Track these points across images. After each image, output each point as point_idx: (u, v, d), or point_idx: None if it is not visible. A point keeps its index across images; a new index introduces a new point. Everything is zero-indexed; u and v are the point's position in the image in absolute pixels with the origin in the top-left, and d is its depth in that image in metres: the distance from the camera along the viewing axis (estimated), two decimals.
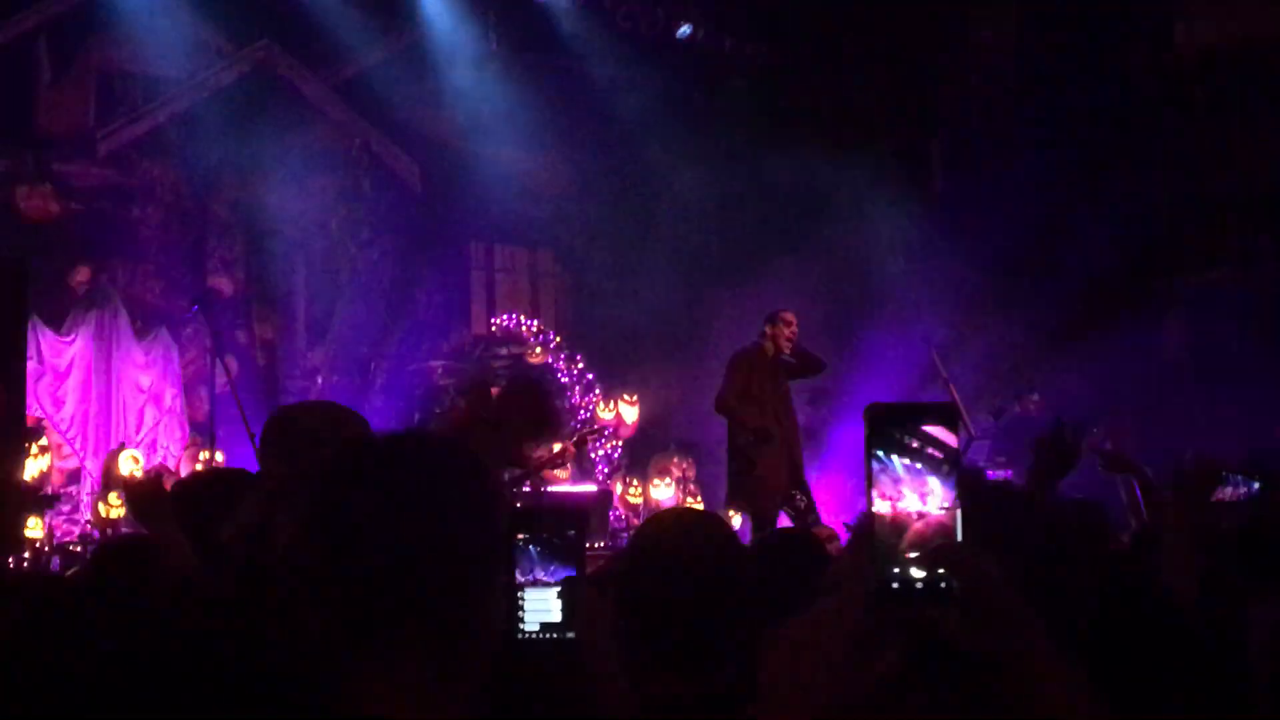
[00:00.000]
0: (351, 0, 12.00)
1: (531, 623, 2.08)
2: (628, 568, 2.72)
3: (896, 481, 1.48)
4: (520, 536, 2.12)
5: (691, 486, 12.96)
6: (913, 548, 1.47)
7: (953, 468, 1.49)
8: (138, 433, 11.27)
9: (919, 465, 1.49)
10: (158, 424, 11.44)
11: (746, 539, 8.44)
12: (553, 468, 10.45)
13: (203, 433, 11.17)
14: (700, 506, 12.59)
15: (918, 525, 1.47)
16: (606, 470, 12.63)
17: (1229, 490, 4.83)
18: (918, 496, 1.48)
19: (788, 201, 13.24)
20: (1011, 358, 13.39)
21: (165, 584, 3.28)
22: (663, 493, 12.74)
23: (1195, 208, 13.75)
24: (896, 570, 1.47)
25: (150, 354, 11.47)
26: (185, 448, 11.36)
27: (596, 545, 10.22)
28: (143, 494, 3.87)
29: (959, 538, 1.47)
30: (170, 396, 11.54)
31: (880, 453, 1.50)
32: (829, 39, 13.42)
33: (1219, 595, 3.08)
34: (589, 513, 10.28)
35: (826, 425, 12.21)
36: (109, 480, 10.46)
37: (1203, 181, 13.66)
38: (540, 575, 2.11)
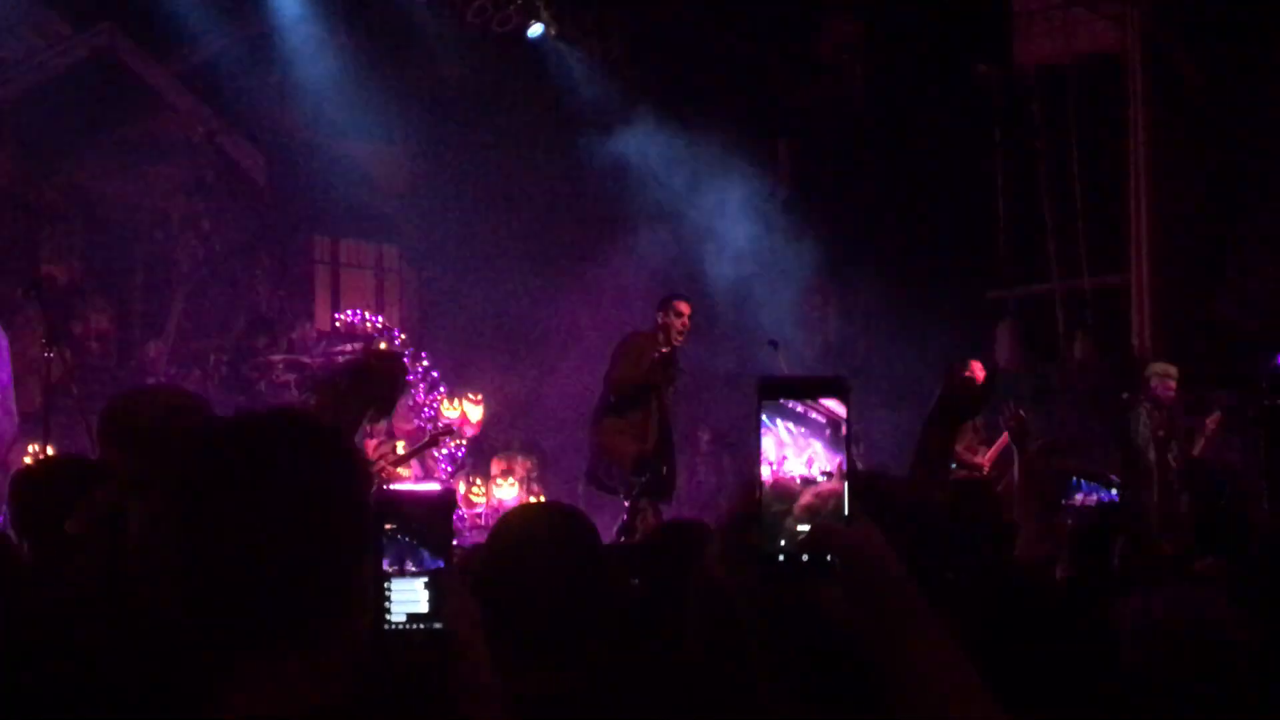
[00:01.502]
0: None
1: (399, 613, 2.04)
2: (486, 563, 2.70)
3: (780, 445, 1.46)
4: (387, 526, 2.07)
5: (535, 486, 12.97)
6: (802, 519, 1.45)
7: (839, 435, 1.47)
8: None
9: (804, 429, 1.47)
10: None
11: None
12: (403, 463, 10.39)
13: (33, 426, 10.89)
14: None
15: (807, 496, 1.45)
16: (450, 469, 12.56)
17: (1079, 496, 5.01)
18: (802, 462, 1.46)
19: (635, 201, 13.31)
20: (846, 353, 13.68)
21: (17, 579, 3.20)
22: (506, 492, 12.71)
23: (1027, 219, 14.11)
24: (782, 543, 1.45)
25: None
26: (12, 442, 11.00)
27: (450, 540, 10.13)
28: None
29: (845, 510, 1.44)
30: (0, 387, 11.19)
31: (765, 419, 1.47)
32: (683, 42, 13.48)
33: (1082, 584, 3.18)
34: (456, 503, 10.22)
35: None
36: None
37: (1035, 194, 14.03)
38: (408, 565, 2.07)
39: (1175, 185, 12.91)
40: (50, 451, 9.97)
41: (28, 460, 10.51)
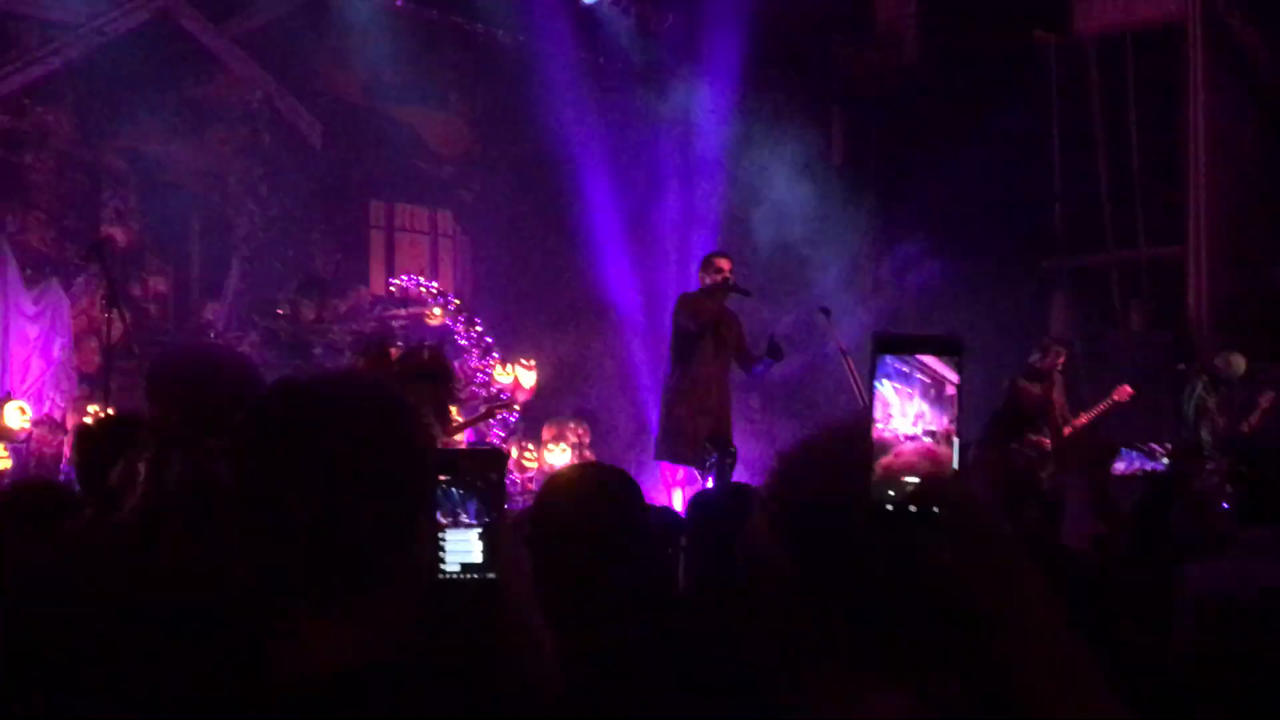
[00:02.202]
0: None
1: (453, 563, 2.08)
2: (533, 520, 2.73)
3: (885, 405, 1.48)
4: (443, 479, 2.11)
5: (587, 453, 13.00)
6: (900, 471, 1.48)
7: (945, 395, 1.49)
8: (23, 383, 11.03)
9: (909, 389, 1.49)
10: (44, 375, 11.21)
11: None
12: (458, 432, 10.45)
13: (92, 384, 11.03)
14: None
15: (905, 450, 1.47)
16: (503, 434, 12.61)
17: (1122, 465, 5.00)
18: (907, 420, 1.48)
19: (686, 166, 13.31)
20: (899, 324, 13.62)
21: (76, 527, 3.27)
22: (557, 458, 12.75)
23: (1084, 189, 14.02)
24: (891, 493, 1.47)
25: (40, 304, 11.24)
26: (73, 400, 11.16)
27: (505, 511, 10.20)
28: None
29: (954, 465, 1.46)
30: (58, 347, 11.31)
31: (879, 380, 1.50)
32: (737, 7, 13.43)
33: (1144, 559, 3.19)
34: (507, 456, 10.30)
35: None
36: None
37: (1091, 164, 13.93)
38: (462, 517, 2.10)
39: (1234, 156, 12.78)
40: (110, 411, 10.10)
41: (86, 420, 10.67)
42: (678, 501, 9.65)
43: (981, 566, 1.45)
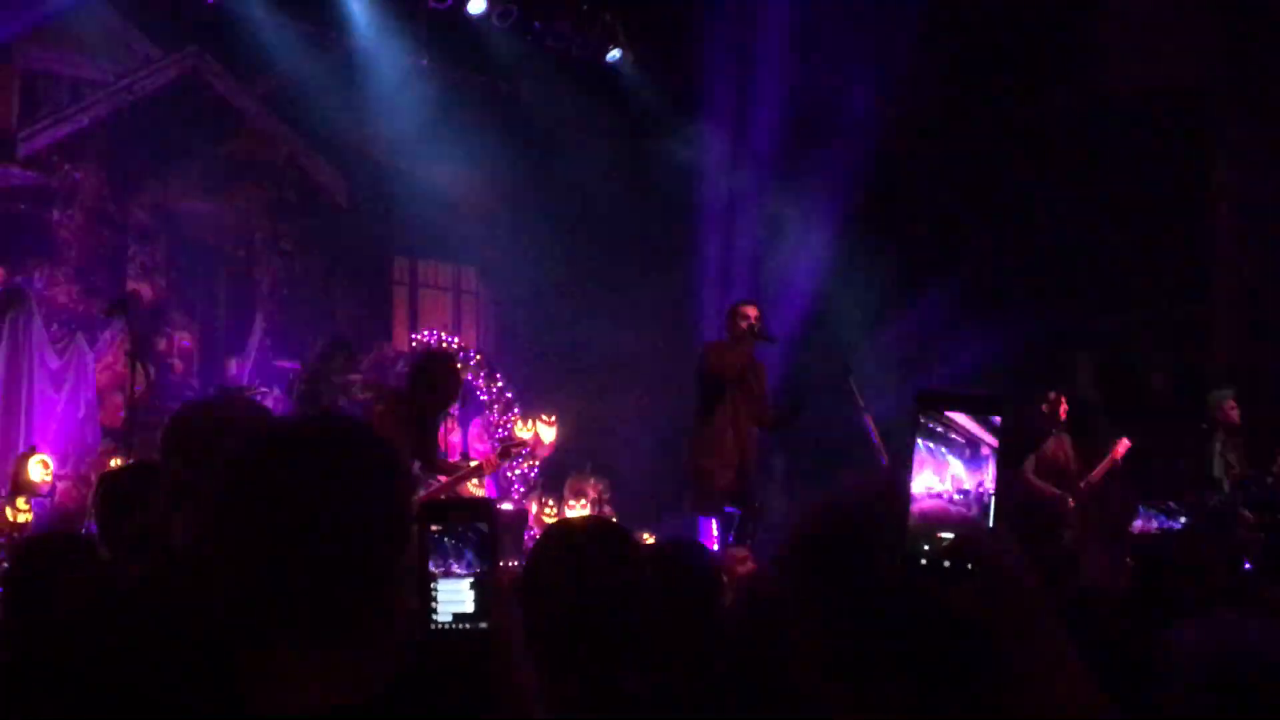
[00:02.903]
0: (282, 10, 11.97)
1: (444, 613, 2.09)
2: (529, 570, 2.74)
3: (920, 463, 1.51)
4: (434, 528, 2.12)
5: (607, 508, 12.97)
6: (933, 527, 1.49)
7: (979, 455, 1.50)
8: (47, 438, 11.09)
9: (942, 448, 1.51)
10: (69, 430, 11.28)
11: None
12: (475, 477, 10.44)
13: (116, 439, 11.06)
14: (639, 535, 12.64)
15: (931, 506, 1.49)
16: (523, 489, 12.62)
17: (1139, 523, 4.99)
18: (937, 478, 1.50)
19: (706, 221, 13.36)
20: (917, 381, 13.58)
21: (92, 576, 3.30)
22: (577, 513, 12.73)
23: (1104, 248, 14.00)
24: (926, 547, 1.49)
25: (65, 358, 11.33)
26: (97, 454, 11.21)
27: (512, 563, 10.19)
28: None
29: (990, 522, 1.49)
30: (83, 403, 11.39)
31: (917, 438, 1.53)
32: (751, 64, 13.52)
33: (1137, 613, 3.18)
34: (497, 507, 10.26)
35: None
36: (17, 484, 10.29)
37: (1113, 221, 13.92)
38: (454, 567, 2.12)
39: (1259, 213, 12.77)
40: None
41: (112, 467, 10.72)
42: None
43: (1010, 622, 1.46)
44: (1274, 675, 2.92)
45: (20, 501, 10.14)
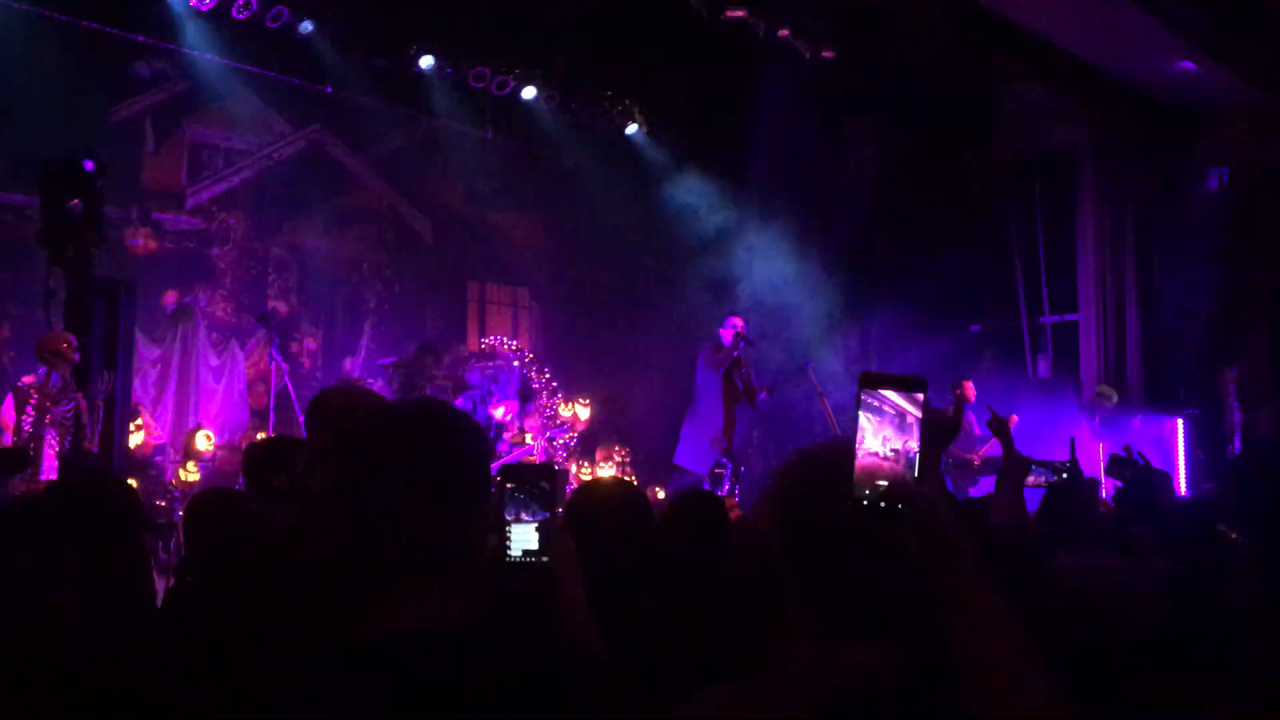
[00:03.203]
0: (383, 96, 12.00)
1: (517, 549, 2.09)
2: (568, 515, 2.73)
3: (862, 430, 1.51)
4: (509, 485, 2.13)
5: (629, 469, 12.99)
6: (872, 477, 1.49)
7: (905, 423, 1.51)
8: (210, 417, 11.15)
9: (878, 419, 1.51)
10: (225, 410, 11.33)
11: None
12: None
13: (261, 418, 11.11)
14: (654, 490, 12.67)
15: (871, 462, 1.49)
16: (565, 455, 12.63)
17: (1031, 478, 4.97)
18: (876, 441, 1.50)
19: (705, 255, 13.35)
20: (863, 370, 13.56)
21: (246, 521, 3.31)
22: (605, 471, 12.75)
23: (1003, 270, 13.98)
24: (867, 492, 1.49)
25: (221, 357, 11.39)
26: (246, 429, 11.26)
27: (557, 510, 10.20)
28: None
29: (916, 474, 1.48)
30: (236, 390, 11.44)
31: (859, 410, 1.53)
32: (739, 136, 13.50)
33: (1033, 543, 3.17)
34: (564, 474, 10.33)
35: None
36: (187, 452, 10.34)
37: (1009, 251, 13.90)
38: (524, 515, 2.12)
39: (1114, 245, 12.74)
40: (270, 435, 10.20)
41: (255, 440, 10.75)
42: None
43: (935, 549, 1.46)
44: (1119, 590, 2.92)
45: (190, 465, 10.19)
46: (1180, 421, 11.30)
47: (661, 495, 12.63)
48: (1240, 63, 11.17)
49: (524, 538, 2.10)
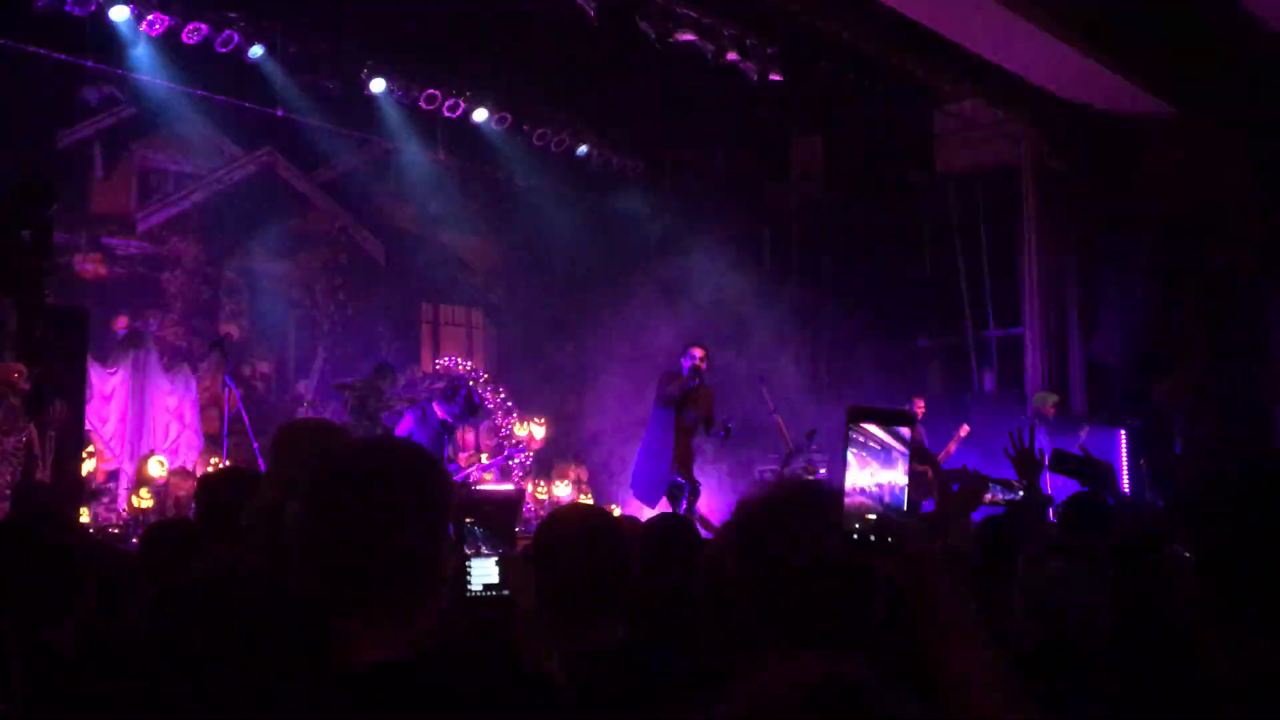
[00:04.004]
0: (335, 119, 11.97)
1: (476, 584, 2.12)
2: (536, 546, 2.75)
3: (851, 465, 1.53)
4: (469, 520, 2.16)
5: (585, 486, 13.01)
6: (854, 513, 1.52)
7: (889, 457, 1.53)
8: (163, 442, 11.04)
9: (864, 454, 1.54)
10: (179, 436, 11.22)
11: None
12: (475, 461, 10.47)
13: (214, 443, 11.01)
14: (591, 501, 12.65)
15: (855, 499, 1.52)
16: (521, 474, 12.62)
17: (988, 496, 5.03)
18: (863, 475, 1.53)
19: (655, 273, 13.40)
20: (814, 386, 13.73)
21: (204, 556, 3.26)
22: (562, 490, 12.75)
23: (948, 287, 14.15)
24: (857, 525, 1.51)
25: (174, 382, 11.27)
26: (199, 454, 11.15)
27: (515, 530, 10.19)
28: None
29: (906, 508, 1.50)
30: (189, 415, 11.33)
31: (845, 445, 1.54)
32: (688, 156, 13.61)
33: (990, 558, 3.21)
34: (519, 503, 10.27)
35: None
36: (140, 478, 10.24)
37: (953, 268, 14.07)
38: (483, 549, 2.15)
39: (1055, 263, 12.93)
40: (227, 463, 10.10)
41: (211, 469, 10.65)
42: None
43: (919, 581, 1.49)
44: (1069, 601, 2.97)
45: (143, 491, 10.09)
46: (1122, 433, 11.49)
47: (618, 512, 12.67)
48: (1169, 87, 11.44)
49: (484, 571, 2.14)
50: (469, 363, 13.22)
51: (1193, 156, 11.62)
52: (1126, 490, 10.97)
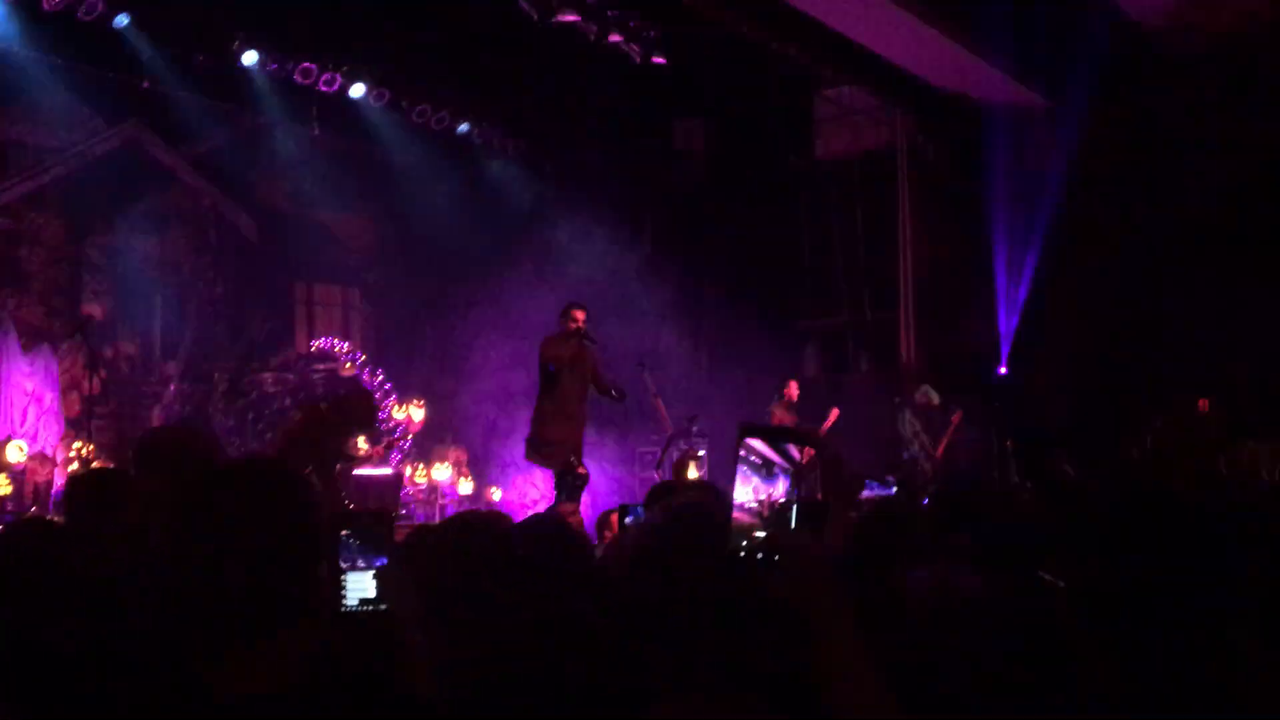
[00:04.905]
0: (203, 92, 11.56)
1: (352, 599, 2.06)
2: (434, 556, 2.66)
3: (731, 481, 1.52)
4: (343, 532, 2.09)
5: (465, 469, 12.89)
6: (740, 530, 1.50)
7: (772, 473, 1.51)
8: (22, 426, 10.60)
9: (749, 471, 1.51)
10: (39, 420, 10.79)
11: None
12: (368, 462, 10.29)
13: (75, 427, 10.63)
14: (471, 485, 12.54)
15: (740, 516, 1.50)
16: (399, 458, 12.44)
17: (867, 492, 5.05)
18: (749, 491, 1.50)
19: (535, 253, 13.33)
20: (694, 369, 13.84)
21: (67, 561, 3.09)
22: (441, 474, 12.61)
23: (826, 270, 14.38)
24: (745, 543, 1.49)
25: (33, 364, 10.82)
26: (60, 439, 10.73)
27: (392, 515, 10.03)
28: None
29: (792, 525, 1.49)
30: (49, 399, 10.89)
31: (738, 462, 1.52)
32: (571, 137, 13.54)
33: (868, 558, 3.21)
34: (393, 514, 10.04)
35: None
36: None
37: (830, 251, 14.29)
38: (359, 562, 2.09)
39: (930, 245, 13.22)
40: (90, 448, 9.75)
41: (70, 454, 10.26)
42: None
43: (804, 595, 1.47)
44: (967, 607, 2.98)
45: (1, 478, 9.68)
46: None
47: (499, 495, 12.59)
48: (1032, 76, 11.76)
49: (360, 586, 2.07)
50: (345, 344, 12.96)
51: (1068, 146, 11.93)
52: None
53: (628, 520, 4.58)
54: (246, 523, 1.69)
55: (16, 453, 9.91)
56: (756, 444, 1.54)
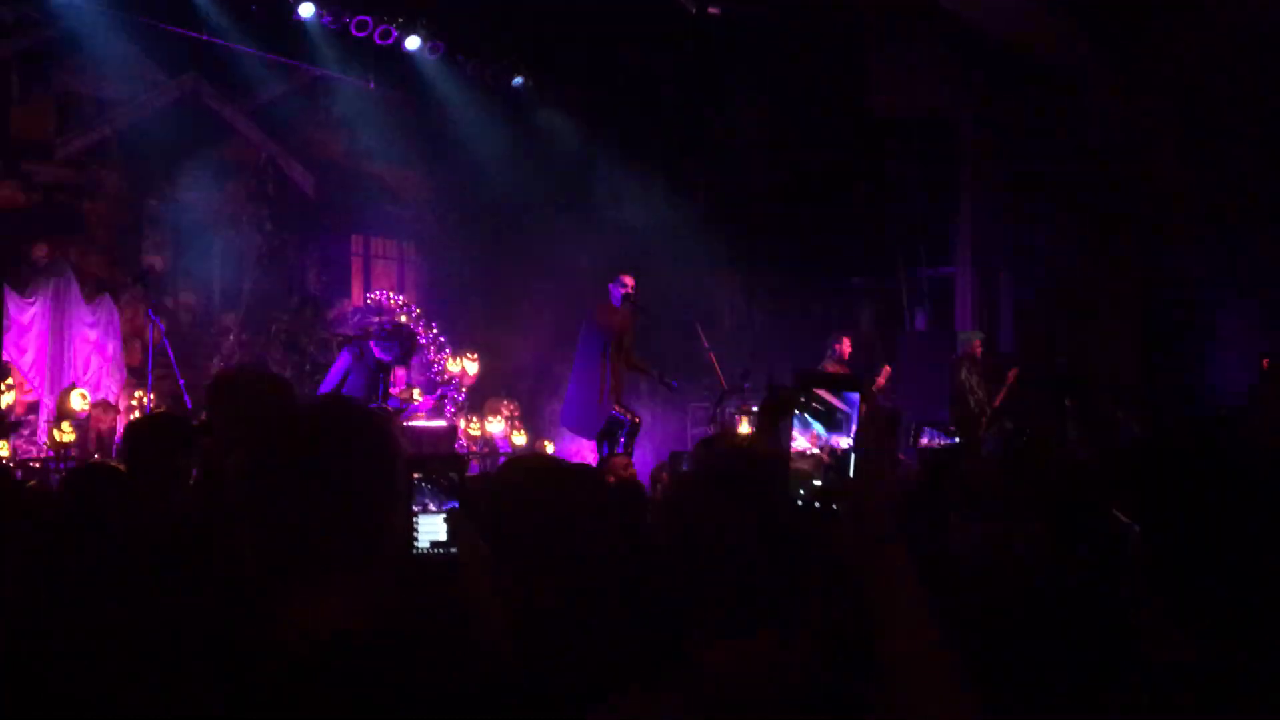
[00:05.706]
0: (262, 45, 11.63)
1: (424, 541, 2.09)
2: (492, 501, 2.69)
3: (790, 428, 1.50)
4: (416, 476, 2.12)
5: (517, 422, 12.97)
6: (799, 478, 1.49)
7: (834, 420, 1.50)
8: (84, 374, 10.79)
9: (809, 418, 1.50)
10: (101, 368, 10.98)
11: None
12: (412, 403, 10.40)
13: (137, 375, 10.81)
14: (524, 437, 12.62)
15: (799, 464, 1.48)
16: (453, 410, 12.56)
17: (924, 440, 5.00)
18: (807, 440, 1.50)
19: (588, 207, 13.31)
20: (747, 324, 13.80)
21: (134, 504, 3.16)
22: (495, 427, 12.71)
23: (878, 226, 14.23)
24: (803, 492, 1.48)
25: (95, 314, 10.99)
26: (122, 387, 10.93)
27: (463, 458, 10.18)
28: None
29: (851, 474, 1.47)
30: (111, 347, 11.07)
31: (796, 410, 1.51)
32: (624, 89, 13.46)
33: (922, 512, 3.18)
34: (466, 459, 10.19)
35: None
36: (61, 411, 10.02)
37: (886, 210, 14.15)
38: (430, 506, 2.11)
39: (989, 204, 13.05)
40: (151, 396, 9.91)
41: (133, 402, 10.45)
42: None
43: (866, 550, 1.46)
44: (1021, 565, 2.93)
45: (65, 425, 9.89)
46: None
47: (551, 449, 12.66)
48: (1107, 33, 11.51)
49: (431, 528, 2.10)
50: (401, 297, 13.05)
51: (1127, 106, 11.70)
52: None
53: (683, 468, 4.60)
54: (327, 463, 1.69)
55: (80, 400, 10.09)
56: (822, 393, 1.52)
